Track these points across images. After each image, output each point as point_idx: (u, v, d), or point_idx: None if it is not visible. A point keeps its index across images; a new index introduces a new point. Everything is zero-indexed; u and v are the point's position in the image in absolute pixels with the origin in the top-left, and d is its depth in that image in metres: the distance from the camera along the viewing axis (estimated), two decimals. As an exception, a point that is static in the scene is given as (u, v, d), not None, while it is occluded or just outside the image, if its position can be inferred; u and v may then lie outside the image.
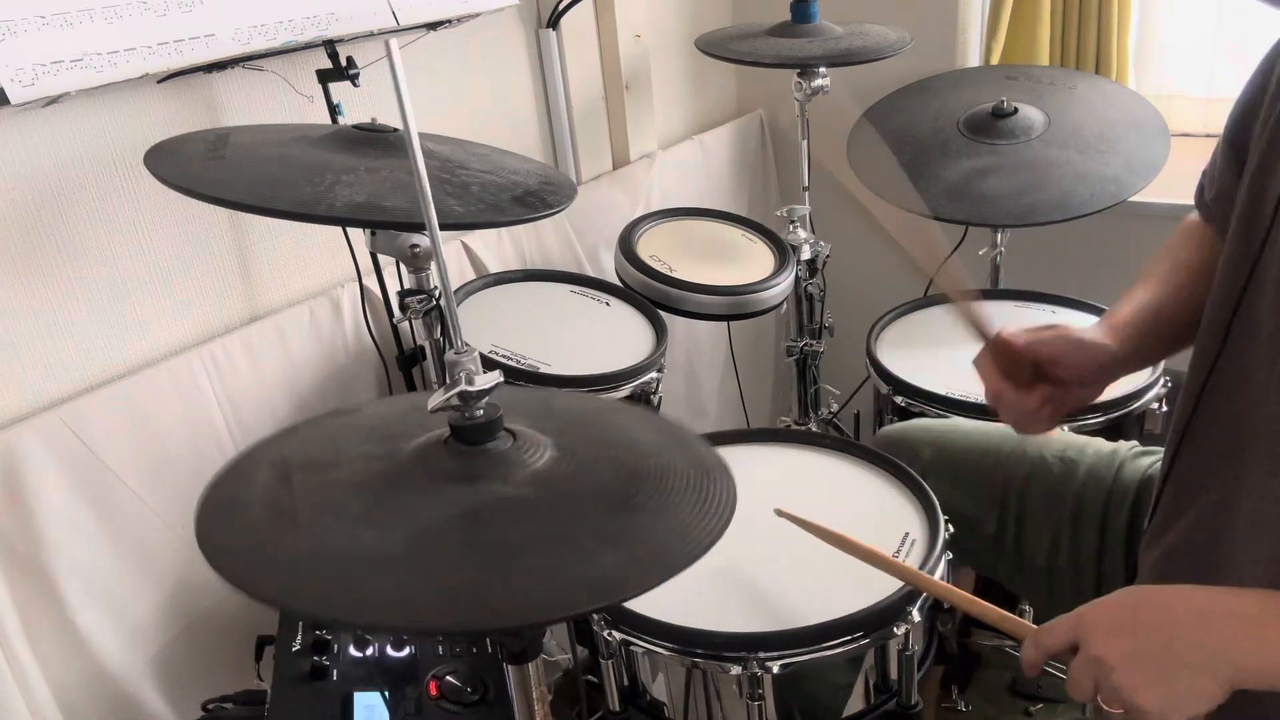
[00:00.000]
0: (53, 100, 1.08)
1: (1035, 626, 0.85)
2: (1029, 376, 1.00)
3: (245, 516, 0.73)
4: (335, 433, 0.85)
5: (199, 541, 0.68)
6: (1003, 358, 1.01)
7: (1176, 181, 1.74)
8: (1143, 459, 1.15)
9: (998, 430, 1.22)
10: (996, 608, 0.89)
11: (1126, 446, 1.18)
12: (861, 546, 0.96)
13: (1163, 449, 1.03)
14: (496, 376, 0.76)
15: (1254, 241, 0.83)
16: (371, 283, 1.50)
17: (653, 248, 1.66)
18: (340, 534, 0.70)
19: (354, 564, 0.67)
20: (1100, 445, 1.19)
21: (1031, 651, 0.84)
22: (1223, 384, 0.88)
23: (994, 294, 1.82)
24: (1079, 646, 0.80)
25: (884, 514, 1.13)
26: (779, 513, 0.98)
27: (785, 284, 1.66)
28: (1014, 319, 1.71)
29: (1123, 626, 0.78)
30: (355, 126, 1.19)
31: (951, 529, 1.08)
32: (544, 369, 1.38)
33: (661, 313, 1.57)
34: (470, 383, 0.74)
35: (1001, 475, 1.17)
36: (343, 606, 0.64)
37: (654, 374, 1.45)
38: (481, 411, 0.75)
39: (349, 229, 1.43)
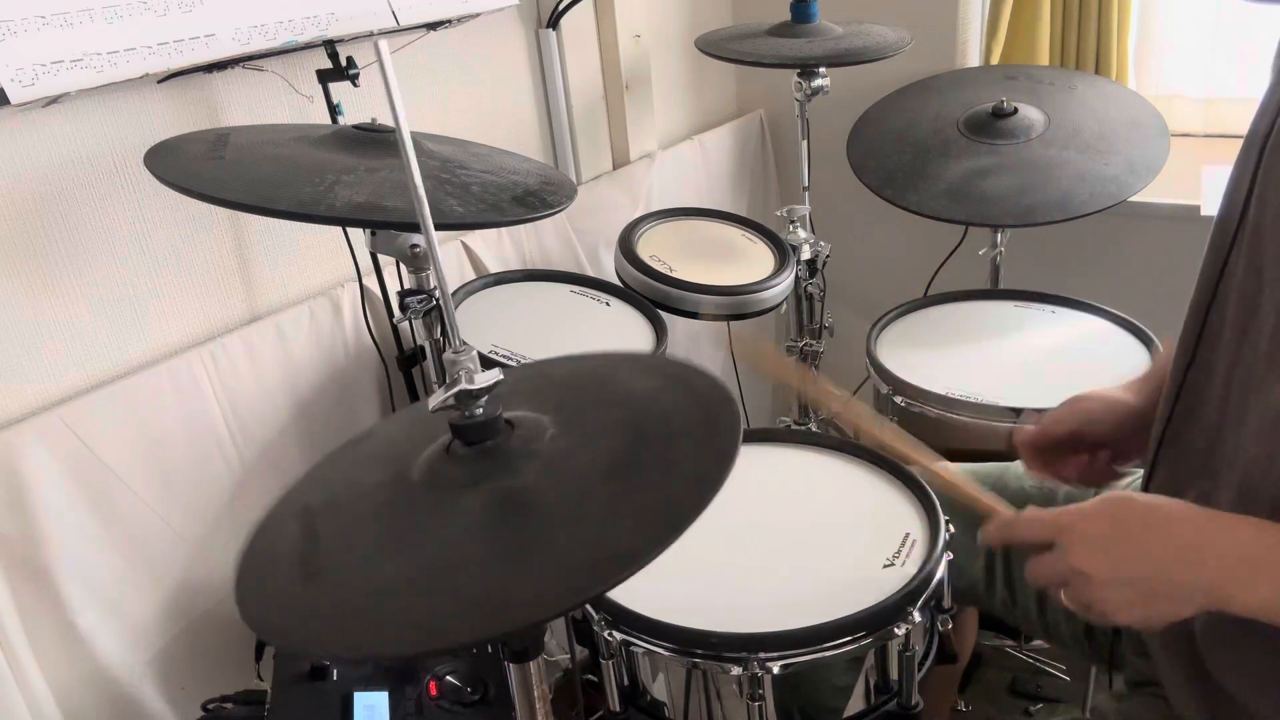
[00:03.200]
0: (53, 100, 1.08)
1: (1012, 514, 0.87)
2: (1066, 454, 1.06)
3: (277, 573, 0.74)
4: (347, 467, 0.86)
5: (240, 609, 0.70)
6: (1034, 452, 1.07)
7: (1176, 181, 1.74)
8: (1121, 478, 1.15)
9: (980, 469, 1.22)
10: (972, 488, 0.91)
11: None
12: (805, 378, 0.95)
13: (1138, 470, 1.05)
14: (496, 375, 0.76)
15: (1227, 238, 0.84)
16: (371, 283, 1.50)
17: (653, 248, 1.66)
18: (362, 572, 0.71)
19: (378, 598, 0.68)
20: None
21: (996, 533, 0.86)
22: (1197, 385, 0.88)
23: (994, 294, 1.81)
24: (1056, 547, 0.81)
25: (884, 514, 1.13)
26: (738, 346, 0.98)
27: (785, 284, 1.66)
28: (1014, 319, 1.73)
29: (1110, 546, 0.79)
30: (355, 127, 1.19)
31: (952, 529, 1.08)
32: (544, 369, 1.38)
33: (661, 313, 1.57)
34: (470, 381, 0.74)
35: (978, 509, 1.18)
36: (371, 644, 0.65)
37: (654, 374, 1.45)
38: (481, 410, 0.75)
39: (349, 229, 1.43)
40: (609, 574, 0.64)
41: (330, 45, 1.34)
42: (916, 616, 0.99)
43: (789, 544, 1.10)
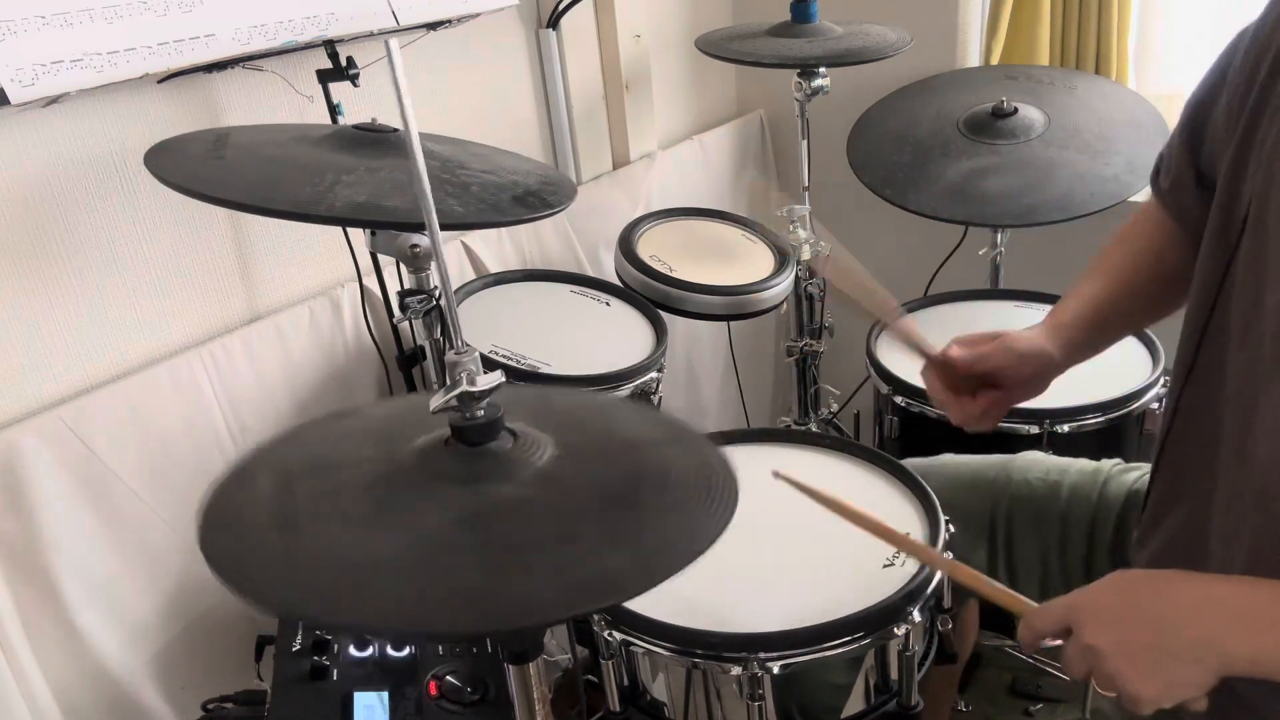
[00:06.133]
0: (53, 100, 1.08)
1: (1034, 606, 0.86)
2: (974, 386, 1.08)
3: (248, 523, 0.73)
4: (335, 436, 0.85)
5: (202, 549, 0.68)
6: (945, 373, 1.09)
7: (1176, 181, 1.74)
8: (1127, 474, 1.15)
9: (982, 461, 1.23)
10: (992, 582, 0.90)
11: (1110, 464, 1.18)
12: (861, 514, 0.95)
13: (1148, 465, 1.05)
14: (498, 377, 0.76)
15: (1228, 240, 0.84)
16: (371, 283, 1.50)
17: (653, 248, 1.66)
18: (343, 538, 0.70)
19: (357, 568, 0.67)
20: (1083, 464, 1.19)
21: (1025, 633, 0.86)
22: (1200, 383, 0.88)
23: (994, 294, 1.81)
24: (1072, 629, 0.81)
25: (884, 514, 1.12)
26: (776, 474, 0.98)
27: (785, 284, 1.66)
28: (1014, 319, 1.72)
29: (1114, 617, 0.79)
30: (355, 126, 1.19)
31: (952, 529, 1.09)
32: (544, 369, 1.38)
33: (661, 313, 1.57)
34: (471, 383, 0.74)
35: (987, 505, 1.18)
36: (347, 611, 0.64)
37: (654, 374, 1.45)
38: (482, 412, 0.75)
39: (349, 229, 1.43)
40: (597, 597, 0.65)
41: (330, 45, 1.34)
42: (916, 616, 0.99)
43: (789, 544, 1.10)
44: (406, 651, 1.07)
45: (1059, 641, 0.83)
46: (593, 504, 0.73)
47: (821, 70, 1.72)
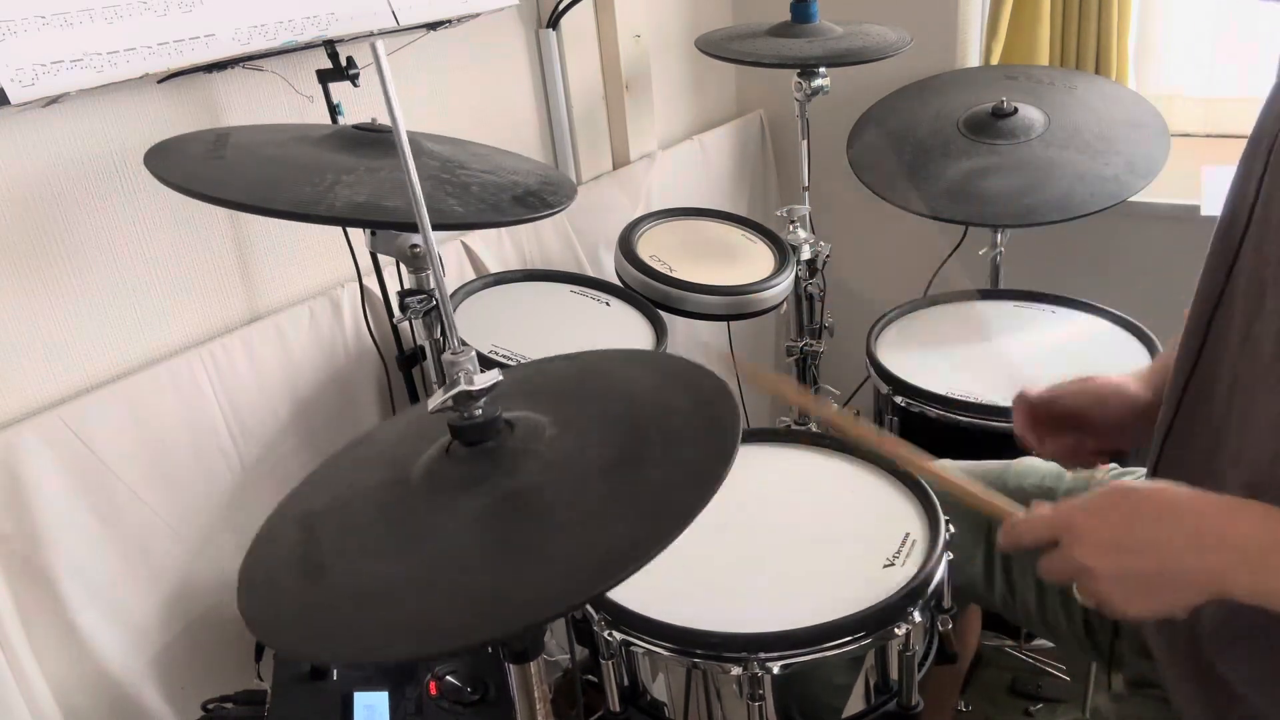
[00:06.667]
0: (53, 100, 1.08)
1: (1019, 515, 0.86)
2: (1059, 427, 1.05)
3: (278, 576, 0.74)
4: (347, 470, 0.86)
5: (242, 612, 0.69)
6: (1028, 413, 1.07)
7: (1176, 181, 1.74)
8: (1123, 479, 1.15)
9: (979, 467, 1.22)
10: (982, 490, 0.91)
11: (1104, 469, 1.18)
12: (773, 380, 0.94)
13: (1142, 469, 1.04)
14: (495, 375, 0.76)
15: (1232, 243, 0.84)
16: (371, 283, 1.50)
17: (653, 248, 1.66)
18: (364, 573, 0.71)
19: (381, 599, 0.68)
20: (1079, 470, 1.19)
21: (1006, 539, 0.85)
22: (1202, 386, 0.88)
23: (994, 294, 1.81)
24: (1060, 544, 0.80)
25: (884, 514, 1.13)
26: (737, 366, 0.97)
27: (785, 284, 1.66)
28: (1014, 319, 1.73)
29: (1112, 541, 0.78)
30: (355, 127, 1.19)
31: (952, 529, 1.08)
32: (544, 369, 1.38)
33: (661, 313, 1.57)
34: (469, 383, 0.74)
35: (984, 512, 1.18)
36: (376, 646, 0.65)
37: (654, 374, 1.45)
38: (480, 411, 0.75)
39: (349, 229, 1.43)
40: (610, 572, 0.64)
41: (330, 45, 1.34)
42: (916, 616, 0.99)
43: (789, 544, 1.10)
44: (406, 651, 1.07)
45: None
46: (596, 475, 0.72)
47: (821, 70, 1.72)
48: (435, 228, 0.87)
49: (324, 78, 1.37)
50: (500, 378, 0.76)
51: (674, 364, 0.84)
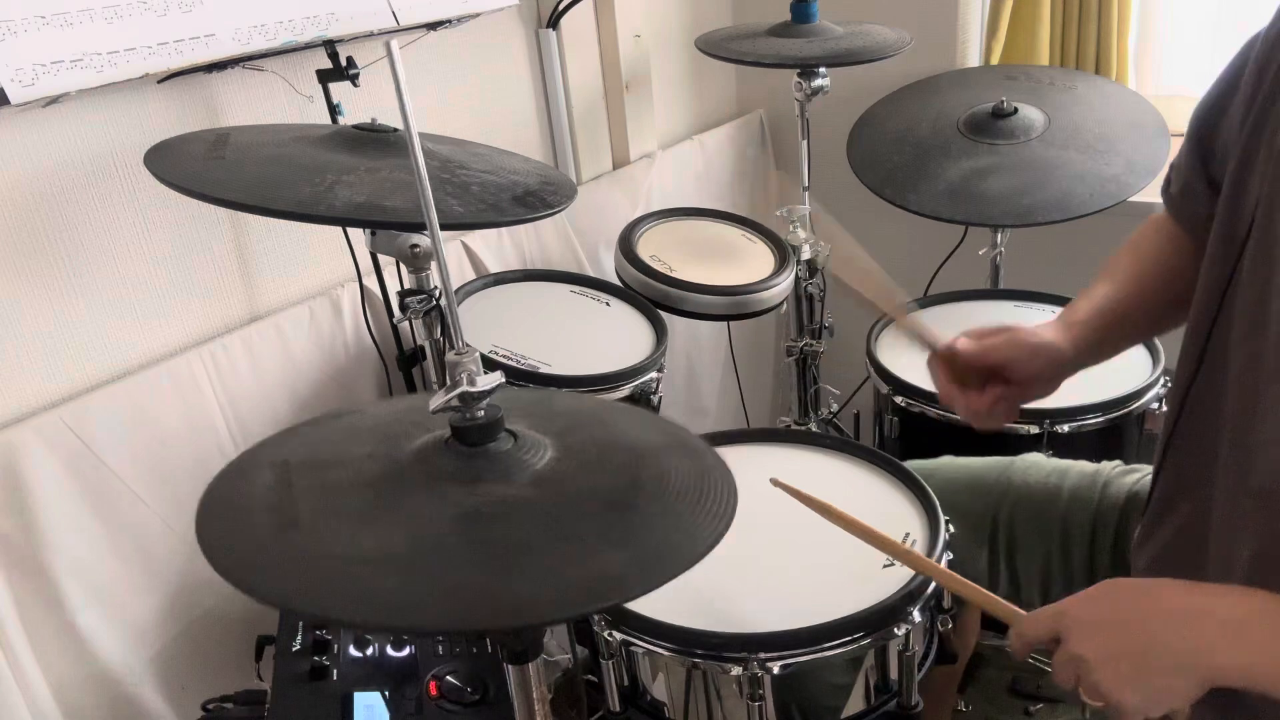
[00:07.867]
0: (53, 100, 1.08)
1: (1023, 614, 0.86)
2: (981, 380, 1.04)
3: (246, 517, 0.73)
4: (335, 433, 0.85)
5: (200, 542, 0.68)
6: (952, 365, 1.05)
7: (1176, 181, 1.74)
8: (1127, 476, 1.15)
9: (982, 464, 1.22)
10: (985, 591, 0.90)
11: (1109, 466, 1.18)
12: (855, 522, 0.95)
13: (1148, 466, 1.04)
14: (498, 377, 0.76)
15: (1233, 246, 0.83)
16: (371, 283, 1.50)
17: (653, 248, 1.66)
18: (341, 535, 0.70)
19: (355, 564, 0.67)
20: (1084, 467, 1.19)
21: (1015, 641, 0.86)
22: (1205, 387, 0.88)
23: (994, 294, 1.81)
24: (1060, 638, 0.81)
25: (884, 514, 1.13)
26: (774, 482, 0.98)
27: (785, 284, 1.66)
28: (1014, 319, 1.72)
29: (1102, 625, 0.79)
30: (355, 126, 1.19)
31: (952, 529, 1.09)
32: (544, 369, 1.38)
33: (661, 313, 1.57)
34: (471, 384, 0.74)
35: (988, 508, 1.17)
36: (343, 607, 0.64)
37: (654, 374, 1.45)
38: (482, 413, 0.75)
39: (349, 229, 1.43)
40: (592, 599, 0.65)
41: (330, 45, 1.34)
42: (916, 616, 0.99)
43: (789, 544, 1.10)
44: (406, 651, 1.07)
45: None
46: (591, 506, 0.73)
47: (821, 70, 1.72)
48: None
49: (324, 78, 1.37)
50: (502, 380, 0.76)
51: (676, 431, 0.85)
